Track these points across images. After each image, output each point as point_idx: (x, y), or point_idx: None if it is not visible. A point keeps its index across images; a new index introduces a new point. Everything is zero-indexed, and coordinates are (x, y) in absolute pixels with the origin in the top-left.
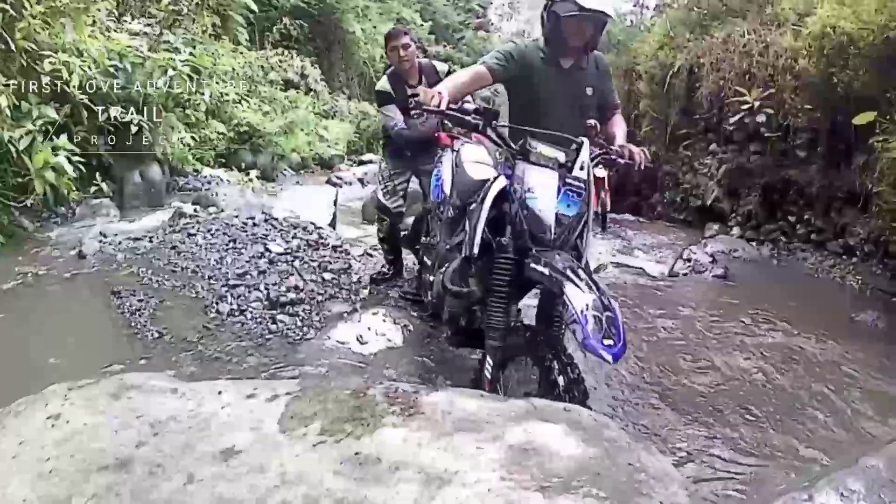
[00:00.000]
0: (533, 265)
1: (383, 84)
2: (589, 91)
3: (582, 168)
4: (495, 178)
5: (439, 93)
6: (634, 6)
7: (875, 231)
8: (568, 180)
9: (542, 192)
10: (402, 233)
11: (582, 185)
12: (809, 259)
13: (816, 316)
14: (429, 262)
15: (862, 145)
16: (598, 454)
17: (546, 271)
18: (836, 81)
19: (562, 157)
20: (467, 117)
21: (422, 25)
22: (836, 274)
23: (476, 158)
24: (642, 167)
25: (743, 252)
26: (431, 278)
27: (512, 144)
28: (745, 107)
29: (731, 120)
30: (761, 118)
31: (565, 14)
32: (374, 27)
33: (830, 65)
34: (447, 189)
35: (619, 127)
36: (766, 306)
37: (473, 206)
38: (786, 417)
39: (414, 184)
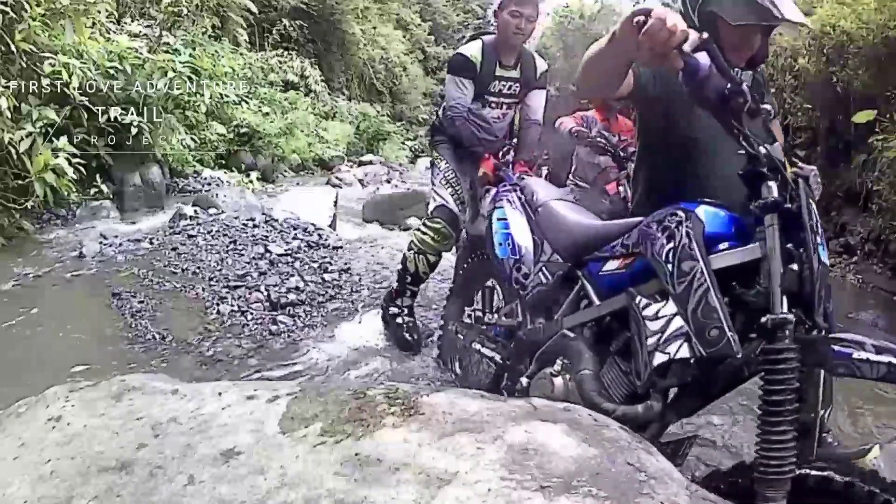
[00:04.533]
0: (860, 355)
1: (472, 49)
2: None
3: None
4: (675, 217)
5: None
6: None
7: (875, 230)
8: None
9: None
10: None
11: None
12: None
13: None
14: (483, 348)
15: (861, 144)
16: (598, 454)
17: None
18: (835, 81)
19: None
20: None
21: (419, 25)
22: (836, 272)
23: (559, 196)
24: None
25: None
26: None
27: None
28: None
29: None
30: None
31: (739, 22)
32: (374, 28)
33: (830, 64)
34: (525, 244)
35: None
36: None
37: (606, 272)
38: None
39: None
